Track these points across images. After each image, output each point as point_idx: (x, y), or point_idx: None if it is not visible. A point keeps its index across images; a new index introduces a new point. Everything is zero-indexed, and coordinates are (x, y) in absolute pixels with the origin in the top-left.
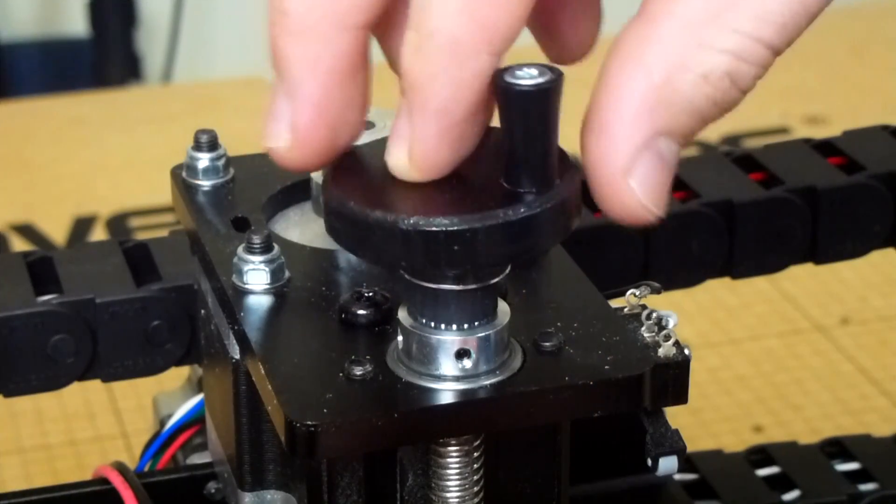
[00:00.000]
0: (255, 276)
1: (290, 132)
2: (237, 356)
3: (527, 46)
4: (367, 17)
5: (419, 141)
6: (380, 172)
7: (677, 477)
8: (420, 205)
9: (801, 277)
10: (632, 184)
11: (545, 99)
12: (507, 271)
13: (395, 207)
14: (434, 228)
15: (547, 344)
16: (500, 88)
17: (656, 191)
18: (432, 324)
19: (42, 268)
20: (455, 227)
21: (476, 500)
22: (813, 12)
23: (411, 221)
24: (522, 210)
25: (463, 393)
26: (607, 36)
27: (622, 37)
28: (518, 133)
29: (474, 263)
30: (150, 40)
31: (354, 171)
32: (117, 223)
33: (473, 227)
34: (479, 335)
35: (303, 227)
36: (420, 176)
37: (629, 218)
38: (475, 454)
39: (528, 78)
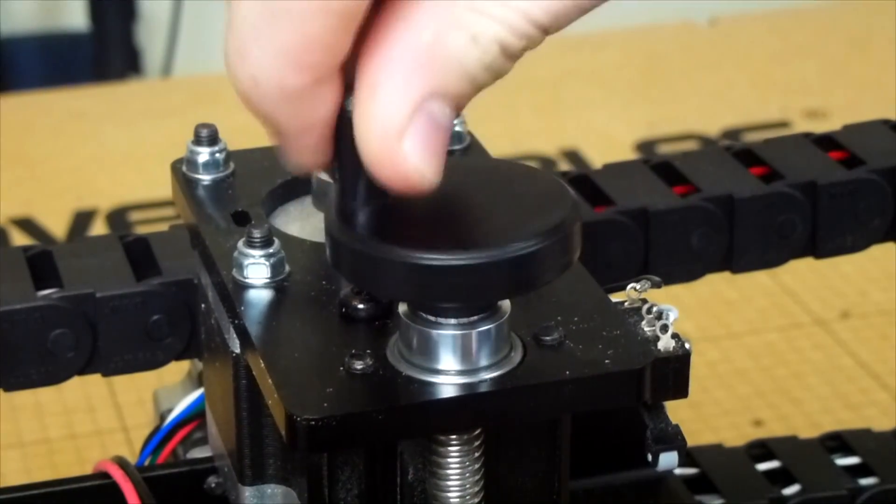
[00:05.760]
0: (256, 270)
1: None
2: (237, 350)
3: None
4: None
5: None
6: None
7: (677, 471)
8: (423, 239)
9: (802, 272)
10: (406, 147)
11: None
12: None
13: (399, 242)
14: (436, 263)
15: (547, 338)
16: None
17: (431, 154)
18: (432, 318)
19: (42, 262)
20: (458, 262)
21: (476, 494)
22: (585, 8)
23: (414, 256)
24: (525, 246)
25: (463, 387)
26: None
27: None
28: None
29: (475, 297)
30: (150, 34)
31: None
32: (117, 217)
33: (476, 263)
34: (480, 329)
35: (303, 222)
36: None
37: (402, 184)
38: (475, 448)
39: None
